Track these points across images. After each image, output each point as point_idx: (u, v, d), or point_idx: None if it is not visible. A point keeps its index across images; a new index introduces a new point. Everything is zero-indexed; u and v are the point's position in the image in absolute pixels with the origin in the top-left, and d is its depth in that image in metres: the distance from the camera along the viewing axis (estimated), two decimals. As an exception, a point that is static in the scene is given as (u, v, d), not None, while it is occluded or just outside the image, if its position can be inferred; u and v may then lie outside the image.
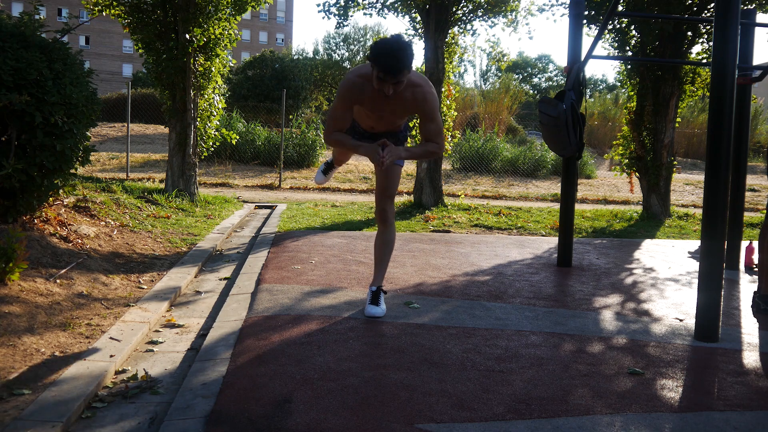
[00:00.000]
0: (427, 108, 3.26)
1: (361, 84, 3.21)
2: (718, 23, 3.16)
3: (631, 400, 2.43)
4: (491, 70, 45.99)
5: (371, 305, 3.48)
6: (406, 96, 3.21)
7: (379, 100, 3.21)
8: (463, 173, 16.88)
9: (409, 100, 3.23)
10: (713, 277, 3.19)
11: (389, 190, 3.54)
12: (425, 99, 3.24)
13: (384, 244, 3.57)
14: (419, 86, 3.24)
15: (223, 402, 2.29)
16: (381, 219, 3.56)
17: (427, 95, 3.24)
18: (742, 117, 5.25)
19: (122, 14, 8.36)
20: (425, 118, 3.30)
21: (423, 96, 3.24)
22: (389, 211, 3.54)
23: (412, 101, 3.24)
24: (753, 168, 20.20)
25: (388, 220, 3.55)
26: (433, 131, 3.32)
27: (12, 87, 3.94)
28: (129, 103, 13.35)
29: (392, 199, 3.55)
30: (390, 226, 3.56)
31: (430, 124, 3.31)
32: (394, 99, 3.18)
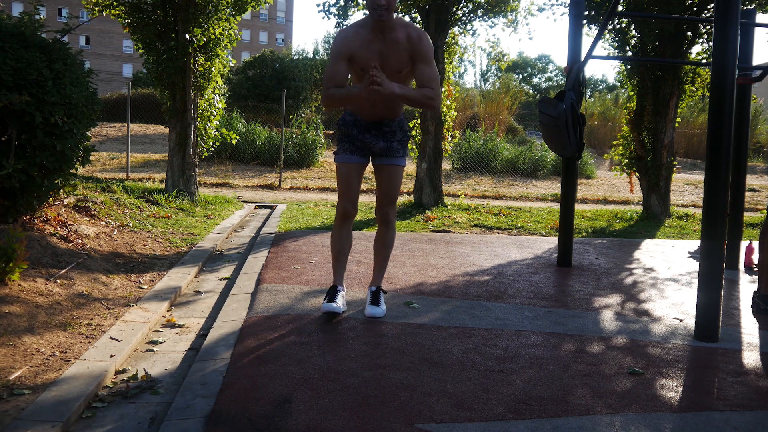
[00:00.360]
0: (423, 48, 3.19)
1: (354, 32, 3.19)
2: (718, 23, 3.16)
3: (631, 400, 2.43)
4: (491, 70, 45.98)
5: (372, 305, 3.46)
6: (400, 37, 3.16)
7: (373, 43, 3.17)
8: (463, 173, 16.88)
9: (403, 42, 3.17)
10: (713, 277, 3.19)
11: (391, 194, 3.47)
12: (420, 38, 3.19)
13: (384, 245, 3.54)
14: (412, 26, 3.23)
15: (223, 402, 2.29)
16: (384, 222, 3.52)
17: (422, 34, 3.20)
18: (742, 117, 5.25)
19: (122, 14, 8.36)
20: (421, 59, 3.21)
21: (418, 34, 3.19)
22: (392, 214, 3.51)
23: (407, 41, 3.17)
24: (753, 168, 20.19)
25: (390, 222, 3.52)
26: (428, 75, 3.21)
27: (12, 87, 3.94)
28: (129, 103, 13.35)
29: (395, 203, 3.51)
30: (392, 229, 3.54)
31: (426, 68, 3.21)
32: (388, 39, 3.14)
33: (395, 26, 3.19)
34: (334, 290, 3.47)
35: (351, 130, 3.39)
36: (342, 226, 3.45)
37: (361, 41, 3.19)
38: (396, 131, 3.42)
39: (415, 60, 3.21)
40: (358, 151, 3.40)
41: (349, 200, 3.40)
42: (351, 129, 3.39)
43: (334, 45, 3.22)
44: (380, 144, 3.38)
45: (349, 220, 3.44)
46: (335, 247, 3.49)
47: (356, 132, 3.38)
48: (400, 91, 3.11)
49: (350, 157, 3.40)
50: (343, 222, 3.44)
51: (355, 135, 3.37)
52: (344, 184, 3.40)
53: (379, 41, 3.19)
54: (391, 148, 3.40)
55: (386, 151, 3.40)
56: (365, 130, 3.38)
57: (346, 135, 3.42)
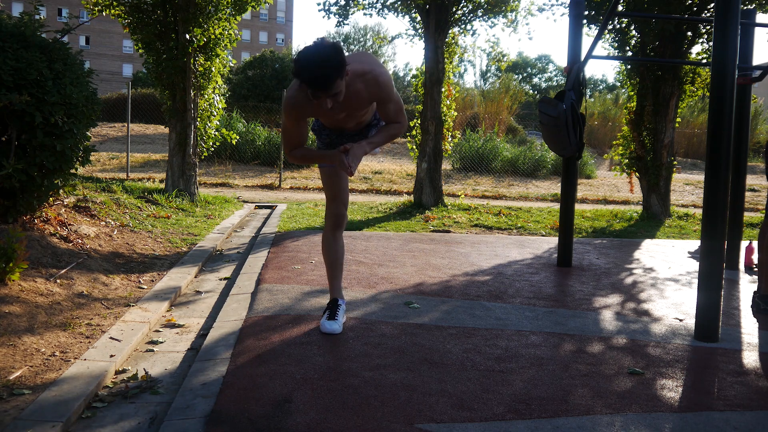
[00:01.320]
0: (382, 93, 2.98)
1: (303, 98, 2.88)
2: (718, 23, 3.16)
3: (631, 400, 2.43)
4: (491, 70, 46.01)
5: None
6: (357, 88, 2.91)
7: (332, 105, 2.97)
8: (463, 173, 16.88)
9: (362, 91, 2.93)
10: (713, 277, 3.19)
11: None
12: (378, 83, 2.94)
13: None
14: (367, 73, 2.93)
15: (223, 402, 2.29)
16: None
17: (379, 78, 2.94)
18: (742, 117, 5.25)
19: (122, 14, 8.37)
20: (383, 101, 3.03)
21: (375, 80, 2.93)
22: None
23: (366, 91, 2.94)
24: (753, 168, 20.20)
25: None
26: (392, 111, 3.06)
27: (12, 87, 3.94)
28: (129, 103, 13.34)
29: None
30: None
31: (389, 105, 3.05)
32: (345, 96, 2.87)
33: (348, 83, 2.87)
34: (335, 305, 3.25)
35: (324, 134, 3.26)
36: (335, 232, 3.28)
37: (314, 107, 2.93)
38: (372, 126, 3.23)
39: (378, 102, 3.04)
40: None
41: (341, 203, 3.26)
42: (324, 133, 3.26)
43: (286, 111, 2.97)
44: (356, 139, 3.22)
45: (342, 225, 3.28)
46: (330, 256, 3.28)
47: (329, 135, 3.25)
48: (371, 148, 3.02)
49: None
50: (336, 228, 3.27)
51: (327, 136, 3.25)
52: (333, 187, 3.25)
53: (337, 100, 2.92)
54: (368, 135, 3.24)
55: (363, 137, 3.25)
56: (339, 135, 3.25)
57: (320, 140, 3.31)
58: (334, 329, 3.12)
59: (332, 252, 3.29)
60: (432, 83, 9.12)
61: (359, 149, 2.92)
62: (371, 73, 2.94)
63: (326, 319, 3.17)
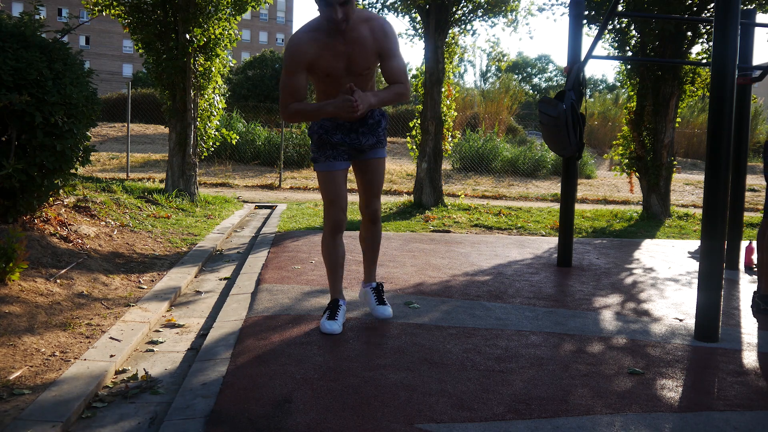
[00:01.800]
0: (389, 43, 2.93)
1: (310, 38, 2.87)
2: (718, 23, 3.16)
3: (631, 400, 2.43)
4: (491, 70, 45.97)
5: (380, 306, 3.37)
6: (363, 33, 2.88)
7: (336, 46, 2.89)
8: (463, 173, 16.88)
9: (367, 38, 2.89)
10: (713, 277, 3.19)
11: (379, 189, 3.30)
12: (384, 31, 2.92)
13: (375, 240, 3.40)
14: (373, 19, 2.93)
15: (223, 402, 2.29)
16: (373, 219, 3.34)
17: (386, 26, 2.93)
18: (742, 117, 5.25)
19: (122, 14, 8.37)
20: (387, 54, 2.95)
21: (381, 28, 2.92)
22: (379, 209, 3.36)
23: (371, 37, 2.90)
24: (753, 168, 20.20)
25: (379, 218, 3.38)
26: (397, 69, 2.98)
27: (12, 87, 3.94)
28: (129, 103, 13.35)
29: (379, 197, 3.33)
30: (379, 223, 3.40)
31: (394, 61, 2.96)
32: (351, 39, 2.86)
33: (355, 22, 2.89)
34: (336, 306, 3.23)
35: (334, 137, 3.13)
36: (335, 237, 3.23)
37: (319, 47, 2.89)
38: (380, 120, 3.19)
39: (382, 56, 2.97)
40: (342, 155, 3.17)
41: (340, 209, 3.19)
42: (334, 136, 3.13)
43: (289, 55, 2.90)
44: (371, 139, 3.16)
45: (341, 230, 3.23)
46: (331, 259, 3.25)
47: (340, 136, 3.12)
48: (376, 100, 2.92)
49: (335, 164, 3.16)
50: (335, 233, 3.22)
51: (340, 140, 3.12)
52: (333, 193, 3.17)
53: (340, 43, 2.90)
54: (379, 140, 3.20)
55: (375, 144, 3.20)
56: (351, 130, 3.13)
57: (328, 143, 3.15)
58: (334, 329, 3.10)
59: (332, 255, 3.25)
60: (432, 83, 9.12)
61: (365, 96, 2.84)
62: (377, 20, 2.93)
63: (326, 319, 3.16)
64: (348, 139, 3.12)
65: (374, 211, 3.33)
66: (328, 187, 3.17)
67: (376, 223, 3.37)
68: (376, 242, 3.43)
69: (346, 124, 3.11)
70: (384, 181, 3.23)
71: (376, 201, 3.32)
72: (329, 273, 3.29)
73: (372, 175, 3.26)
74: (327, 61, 2.92)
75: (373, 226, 3.38)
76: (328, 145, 3.14)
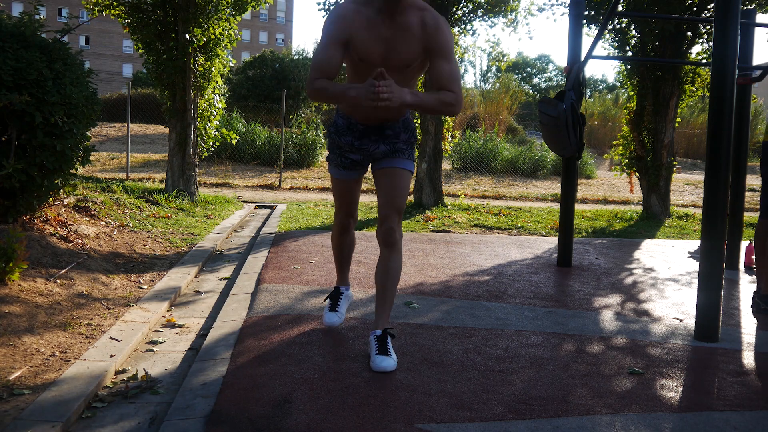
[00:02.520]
0: (441, 39, 2.54)
1: (355, 9, 2.54)
2: (718, 23, 3.16)
3: (631, 400, 2.43)
4: (491, 70, 45.98)
5: (380, 355, 2.63)
6: (412, 21, 2.53)
7: (378, 27, 2.53)
8: (463, 173, 16.88)
9: (416, 27, 2.53)
10: (713, 277, 3.19)
11: (396, 204, 2.74)
12: (438, 26, 2.54)
13: (388, 273, 2.77)
14: (429, 10, 2.57)
15: (223, 402, 2.29)
16: (386, 242, 2.74)
17: (440, 21, 2.55)
18: (742, 117, 5.25)
19: (122, 14, 8.37)
20: (438, 54, 2.55)
21: (435, 21, 2.54)
22: (397, 231, 2.74)
23: (421, 28, 2.53)
24: (753, 168, 20.20)
25: (396, 243, 2.75)
26: (448, 74, 2.54)
27: (12, 87, 3.94)
28: (129, 103, 13.35)
29: (400, 214, 2.76)
30: (397, 252, 2.76)
31: (445, 64, 2.55)
32: (397, 23, 2.52)
33: (406, 8, 2.54)
34: (337, 294, 3.19)
35: (344, 138, 2.82)
36: (343, 234, 3.14)
37: (362, 23, 2.54)
38: (400, 133, 2.80)
39: (431, 54, 2.57)
40: (353, 165, 2.88)
41: (347, 214, 3.07)
42: (344, 137, 2.82)
43: (329, 25, 2.56)
44: (381, 148, 2.80)
45: (348, 230, 3.13)
46: (338, 251, 3.19)
47: (350, 140, 2.80)
48: (413, 99, 2.48)
49: (341, 173, 2.92)
50: (342, 232, 3.12)
51: (350, 143, 2.81)
52: (340, 199, 3.02)
53: (385, 26, 2.54)
54: (395, 149, 2.80)
55: (390, 153, 2.81)
56: (362, 135, 2.79)
57: (337, 146, 2.87)
58: (333, 322, 3.05)
59: (338, 248, 3.18)
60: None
61: (398, 88, 2.42)
62: (432, 13, 2.58)
63: (327, 310, 3.14)
64: (358, 144, 2.80)
65: (388, 231, 2.73)
66: (336, 191, 3.02)
67: (391, 249, 2.75)
68: (390, 276, 2.76)
69: (359, 127, 2.77)
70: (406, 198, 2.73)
71: (392, 218, 2.73)
72: (336, 262, 3.24)
73: (387, 187, 2.76)
74: (364, 42, 2.55)
75: (388, 253, 2.76)
76: (337, 149, 2.87)
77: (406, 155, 2.80)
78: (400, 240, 2.76)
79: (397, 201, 2.74)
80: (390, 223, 2.72)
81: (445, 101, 2.53)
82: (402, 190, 2.76)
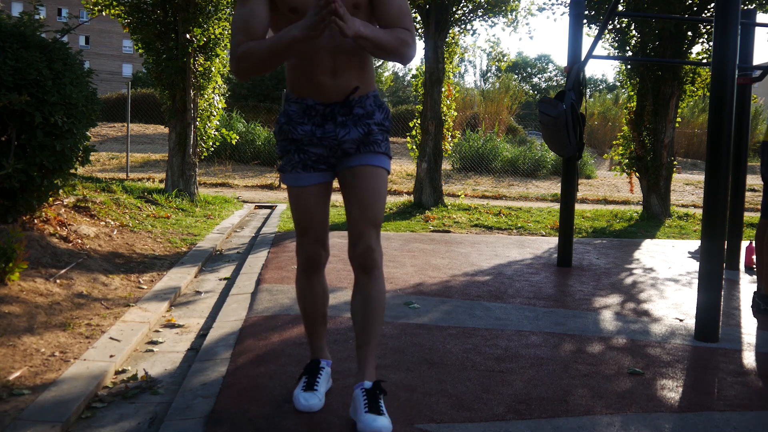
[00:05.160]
0: None
1: None
2: (718, 23, 3.16)
3: (631, 400, 2.43)
4: (491, 70, 45.98)
5: (370, 414, 2.02)
6: None
7: None
8: (463, 173, 16.88)
9: None
10: (713, 277, 3.19)
11: (373, 211, 2.10)
12: None
13: (371, 305, 2.11)
14: None
15: (223, 402, 2.29)
16: (364, 266, 2.10)
17: None
18: (742, 117, 5.25)
19: (122, 14, 8.37)
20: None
21: None
22: (377, 250, 2.09)
23: None
24: (753, 168, 20.20)
25: (377, 266, 2.10)
26: (398, 7, 2.03)
27: (12, 87, 3.94)
28: (129, 103, 13.35)
29: (378, 227, 2.11)
30: (378, 278, 2.12)
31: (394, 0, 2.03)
32: None
33: None
34: (315, 369, 2.31)
35: (301, 128, 2.12)
36: (310, 277, 2.27)
37: None
38: (374, 111, 2.14)
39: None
40: (315, 162, 2.15)
41: (314, 239, 2.21)
42: (301, 126, 2.12)
43: None
44: (353, 133, 2.10)
45: (318, 267, 2.26)
46: (305, 306, 2.32)
47: (310, 128, 2.11)
48: (367, 30, 1.89)
49: (302, 176, 2.16)
50: (309, 271, 2.26)
51: (309, 133, 2.11)
52: (302, 218, 2.19)
53: None
54: (370, 138, 2.12)
55: (364, 143, 2.12)
56: (325, 119, 2.10)
57: (292, 141, 2.15)
58: (311, 406, 2.17)
59: (307, 301, 2.31)
60: (432, 83, 9.12)
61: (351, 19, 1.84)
62: None
63: (302, 389, 2.23)
64: (320, 132, 2.10)
65: (366, 252, 2.08)
66: (296, 208, 2.19)
67: (370, 274, 2.10)
68: (372, 310, 2.12)
69: (319, 108, 2.09)
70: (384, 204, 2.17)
71: (369, 234, 2.08)
72: (305, 324, 2.36)
73: (359, 192, 2.10)
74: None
75: (367, 281, 2.11)
76: (293, 146, 2.15)
77: (381, 147, 2.14)
78: (381, 261, 2.11)
79: (374, 211, 2.09)
80: (367, 240, 2.07)
81: (401, 38, 1.99)
82: (379, 197, 2.11)
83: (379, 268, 2.11)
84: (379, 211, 2.11)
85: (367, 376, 2.11)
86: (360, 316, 2.12)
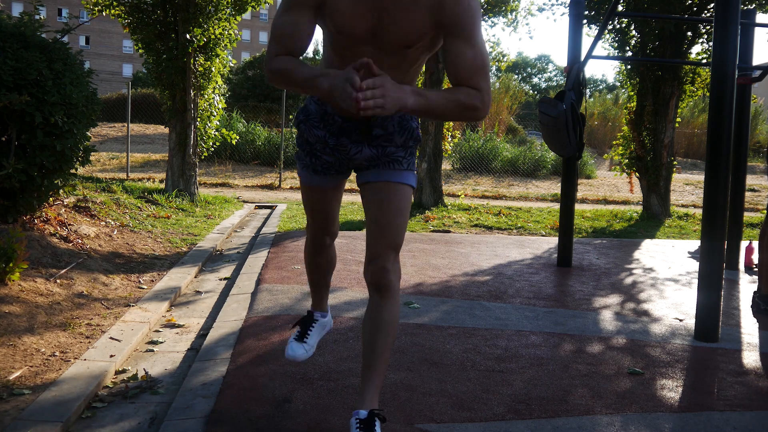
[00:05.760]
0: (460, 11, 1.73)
1: None
2: (718, 23, 3.16)
3: (631, 400, 2.43)
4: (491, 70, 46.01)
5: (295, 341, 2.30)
6: None
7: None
8: (463, 173, 16.88)
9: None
10: (713, 277, 3.19)
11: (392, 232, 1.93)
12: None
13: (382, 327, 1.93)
14: None
15: (223, 402, 2.29)
16: (378, 285, 1.92)
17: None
18: (742, 117, 5.25)
19: (122, 14, 8.37)
20: (457, 33, 1.75)
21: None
22: (392, 271, 1.92)
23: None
24: (753, 168, 20.20)
25: (391, 286, 1.93)
26: (471, 61, 1.75)
27: (12, 87, 3.94)
28: (129, 103, 13.35)
29: (398, 249, 1.94)
30: (392, 298, 1.94)
31: (467, 48, 1.75)
32: None
33: None
34: (310, 320, 2.41)
35: (315, 131, 2.00)
36: (318, 255, 2.32)
37: None
38: (393, 134, 1.96)
39: (446, 32, 1.77)
40: (326, 169, 2.06)
41: (322, 231, 2.25)
42: (315, 129, 2.00)
43: None
44: (365, 152, 1.97)
45: (323, 248, 2.31)
46: (313, 273, 2.40)
47: (323, 135, 1.99)
48: (417, 102, 1.70)
49: (314, 178, 2.10)
50: (318, 252, 2.31)
51: (322, 140, 1.99)
52: (312, 212, 2.21)
53: None
54: (389, 157, 1.97)
55: (378, 159, 1.97)
56: (340, 132, 1.97)
57: (306, 141, 2.05)
58: (296, 356, 2.26)
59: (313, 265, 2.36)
60: (432, 83, 9.12)
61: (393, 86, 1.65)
62: None
63: (293, 338, 2.36)
64: (333, 142, 1.98)
65: (380, 272, 1.92)
66: (307, 201, 2.20)
67: (383, 294, 1.93)
68: (382, 332, 1.93)
69: (337, 120, 1.96)
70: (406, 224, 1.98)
71: (386, 256, 1.92)
72: (309, 282, 2.45)
73: (377, 212, 1.95)
74: (346, 6, 1.75)
75: (380, 299, 1.94)
76: (307, 147, 2.07)
77: (404, 165, 1.98)
78: (397, 282, 1.94)
79: (391, 231, 1.92)
80: (382, 261, 1.91)
81: (465, 103, 1.75)
82: (398, 215, 1.94)
83: (393, 290, 1.93)
84: (398, 231, 1.94)
85: (366, 402, 1.92)
86: (368, 337, 1.95)
